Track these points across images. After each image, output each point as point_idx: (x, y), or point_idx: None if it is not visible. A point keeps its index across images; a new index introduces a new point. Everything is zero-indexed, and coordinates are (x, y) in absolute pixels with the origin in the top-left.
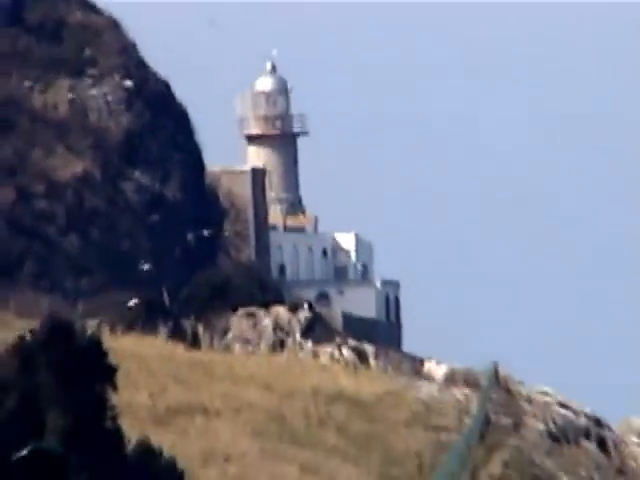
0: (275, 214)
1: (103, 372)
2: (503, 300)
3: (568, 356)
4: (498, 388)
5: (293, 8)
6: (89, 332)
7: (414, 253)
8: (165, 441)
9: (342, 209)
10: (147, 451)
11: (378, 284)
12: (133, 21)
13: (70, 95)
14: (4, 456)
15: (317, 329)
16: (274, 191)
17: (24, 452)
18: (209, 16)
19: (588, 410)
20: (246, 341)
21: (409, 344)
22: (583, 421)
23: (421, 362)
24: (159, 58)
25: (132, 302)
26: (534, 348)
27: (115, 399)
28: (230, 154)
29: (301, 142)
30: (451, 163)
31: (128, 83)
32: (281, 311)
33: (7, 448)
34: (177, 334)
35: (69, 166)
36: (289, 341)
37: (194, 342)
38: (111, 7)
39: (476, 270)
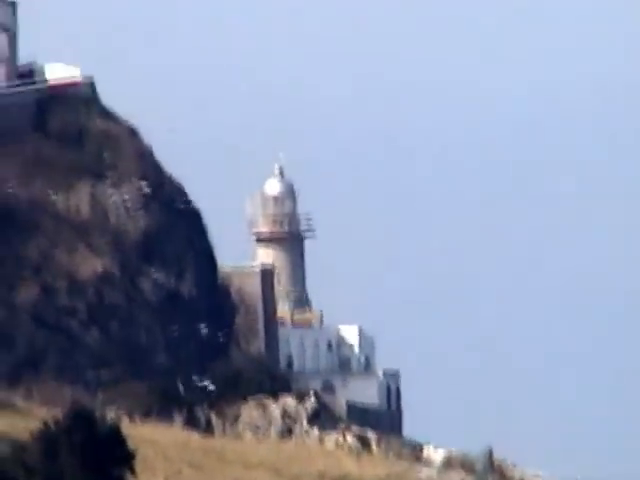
0: (283, 309)
1: (122, 457)
2: (497, 388)
3: (562, 440)
4: (493, 472)
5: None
6: (109, 420)
7: (414, 345)
8: None
9: (346, 303)
10: None
11: (380, 374)
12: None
13: (90, 198)
14: None
15: (322, 417)
16: (282, 287)
17: None
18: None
19: None
20: (256, 428)
21: (409, 430)
22: None
23: (420, 447)
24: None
25: (207, 384)
26: (528, 432)
27: None
28: (240, 252)
29: (307, 241)
30: (449, 258)
31: (145, 186)
32: (289, 400)
33: None
34: (191, 422)
35: (90, 264)
36: (296, 428)
37: (207, 429)
38: (128, 116)
39: (473, 359)
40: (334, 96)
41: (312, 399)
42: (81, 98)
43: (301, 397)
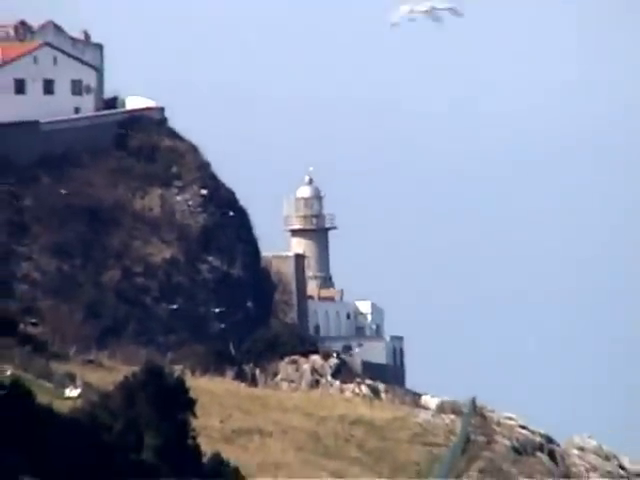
0: (312, 288)
1: (185, 404)
2: (480, 348)
3: (529, 390)
4: (476, 415)
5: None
6: (175, 375)
7: (415, 316)
8: (231, 455)
9: (361, 283)
10: (218, 462)
11: (388, 339)
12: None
13: (161, 201)
14: (109, 461)
15: (343, 372)
16: (311, 270)
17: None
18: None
19: (542, 431)
20: (291, 381)
21: (410, 382)
22: (538, 439)
23: (419, 396)
24: (218, 154)
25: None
26: (504, 384)
27: (194, 423)
28: (278, 243)
29: (331, 234)
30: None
31: (204, 191)
32: (316, 359)
33: (112, 457)
34: (240, 376)
35: (160, 252)
36: (322, 381)
37: (253, 382)
38: (190, 134)
39: (462, 326)
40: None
41: (335, 358)
42: (153, 122)
43: (326, 356)
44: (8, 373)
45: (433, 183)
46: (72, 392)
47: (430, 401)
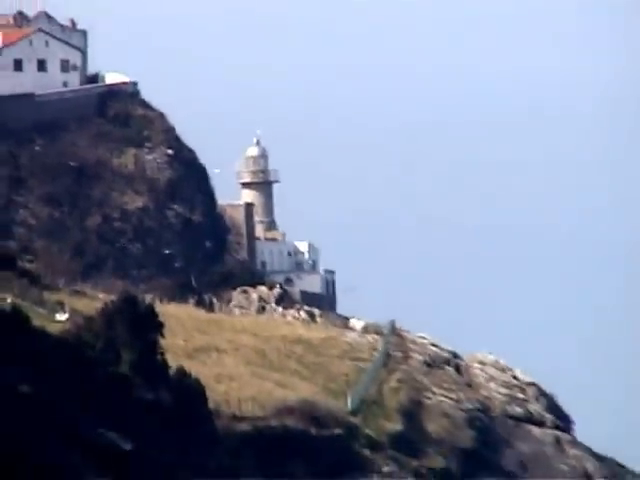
0: (259, 231)
1: (155, 326)
2: (397, 273)
3: (439, 311)
4: (394, 335)
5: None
6: (146, 302)
7: (345, 253)
8: (193, 368)
9: (300, 227)
10: (182, 374)
11: (322, 272)
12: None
13: (135, 159)
14: (91, 373)
15: (285, 300)
16: (258, 216)
17: None
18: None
19: (449, 347)
20: (242, 307)
21: (341, 309)
22: (446, 354)
23: (347, 320)
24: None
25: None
26: (419, 308)
27: (163, 343)
28: (231, 193)
29: (275, 186)
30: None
31: (170, 151)
32: (263, 289)
33: (94, 370)
34: (200, 303)
35: (134, 202)
36: (268, 307)
37: (210, 308)
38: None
39: (383, 258)
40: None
41: (278, 289)
42: (127, 94)
43: (271, 287)
44: (8, 301)
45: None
46: (61, 317)
47: (356, 324)
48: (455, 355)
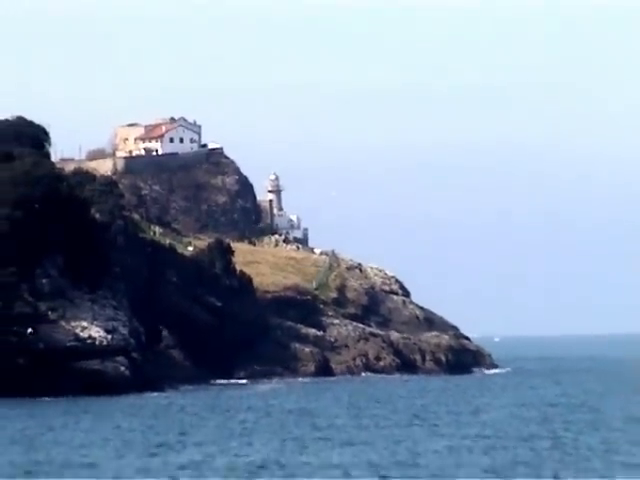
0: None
1: (230, 252)
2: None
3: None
4: (334, 256)
5: None
6: (225, 242)
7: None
8: (247, 270)
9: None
10: (243, 273)
11: (303, 230)
12: None
13: None
14: (202, 272)
15: (286, 240)
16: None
17: None
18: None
19: (375, 265)
20: (268, 243)
21: (310, 244)
22: (356, 265)
23: (312, 249)
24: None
25: None
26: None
27: (233, 260)
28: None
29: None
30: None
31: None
32: (277, 236)
33: (203, 269)
34: (250, 242)
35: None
36: (280, 243)
37: (253, 243)
38: None
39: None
40: None
41: (283, 235)
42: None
43: (280, 234)
44: (168, 241)
45: None
46: (190, 248)
47: (317, 251)
48: (360, 265)
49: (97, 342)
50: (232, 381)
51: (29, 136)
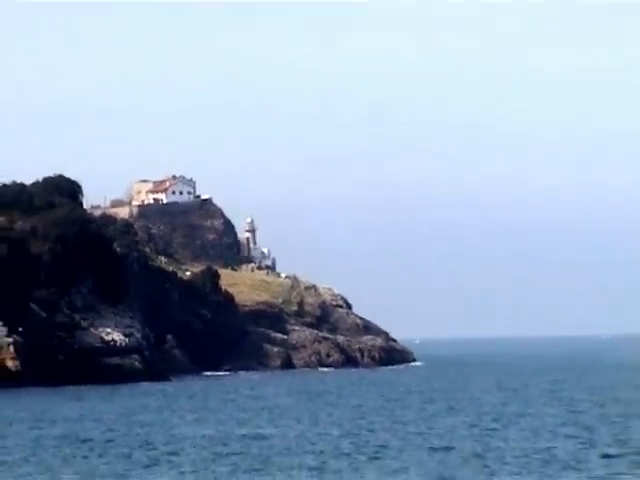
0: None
1: (217, 276)
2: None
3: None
4: (295, 279)
5: None
6: (213, 269)
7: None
8: (230, 289)
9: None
10: (227, 292)
11: (271, 259)
12: None
13: None
14: (195, 292)
15: (259, 266)
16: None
17: None
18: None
19: (325, 285)
20: (245, 269)
21: (278, 269)
22: (311, 286)
23: (279, 273)
24: None
25: None
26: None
27: (220, 283)
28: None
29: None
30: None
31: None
32: (252, 264)
33: (195, 290)
34: (231, 268)
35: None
36: (253, 268)
37: (234, 270)
38: None
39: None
40: None
41: (256, 264)
42: (213, 204)
43: (254, 263)
44: (170, 269)
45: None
46: (187, 273)
47: (282, 275)
48: (314, 286)
49: (118, 344)
50: (219, 373)
51: (67, 189)
